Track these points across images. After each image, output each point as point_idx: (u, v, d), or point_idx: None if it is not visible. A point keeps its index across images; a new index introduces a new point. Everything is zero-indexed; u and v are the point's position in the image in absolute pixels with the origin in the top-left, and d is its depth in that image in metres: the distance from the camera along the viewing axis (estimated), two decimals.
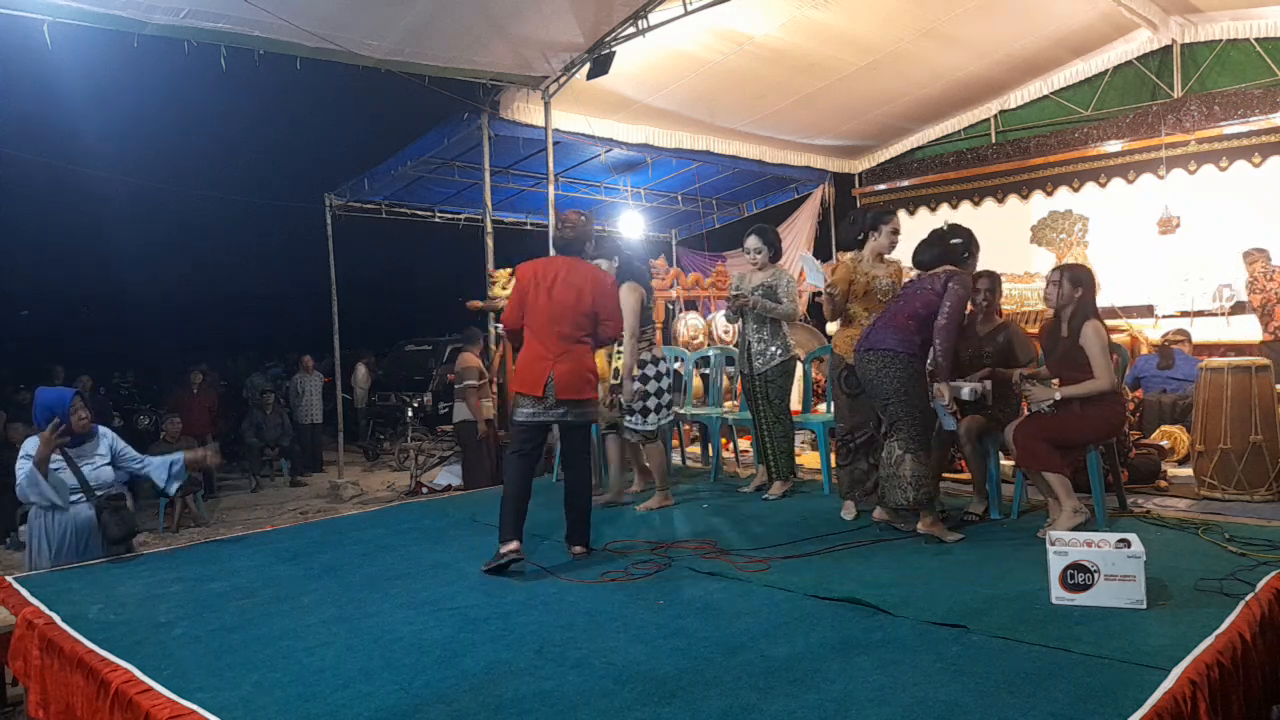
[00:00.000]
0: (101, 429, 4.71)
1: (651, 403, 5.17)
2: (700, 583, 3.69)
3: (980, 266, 4.90)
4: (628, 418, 5.19)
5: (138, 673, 2.87)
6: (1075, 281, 4.27)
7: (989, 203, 10.54)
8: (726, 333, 9.48)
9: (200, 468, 4.57)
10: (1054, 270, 4.40)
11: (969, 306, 4.89)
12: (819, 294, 5.29)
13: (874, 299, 4.78)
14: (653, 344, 5.26)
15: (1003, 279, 5.19)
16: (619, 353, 5.12)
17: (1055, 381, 4.37)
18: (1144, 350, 7.80)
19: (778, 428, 5.37)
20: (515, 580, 3.88)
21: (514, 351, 4.84)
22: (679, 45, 7.86)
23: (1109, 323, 4.46)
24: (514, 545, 3.95)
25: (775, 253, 5.42)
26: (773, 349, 5.30)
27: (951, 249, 4.38)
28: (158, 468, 4.68)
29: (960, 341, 4.82)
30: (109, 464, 4.58)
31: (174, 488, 4.71)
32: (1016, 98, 10.27)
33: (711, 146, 10.24)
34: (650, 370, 5.18)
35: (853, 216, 5.15)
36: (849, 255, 4.98)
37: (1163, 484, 5.44)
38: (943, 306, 4.18)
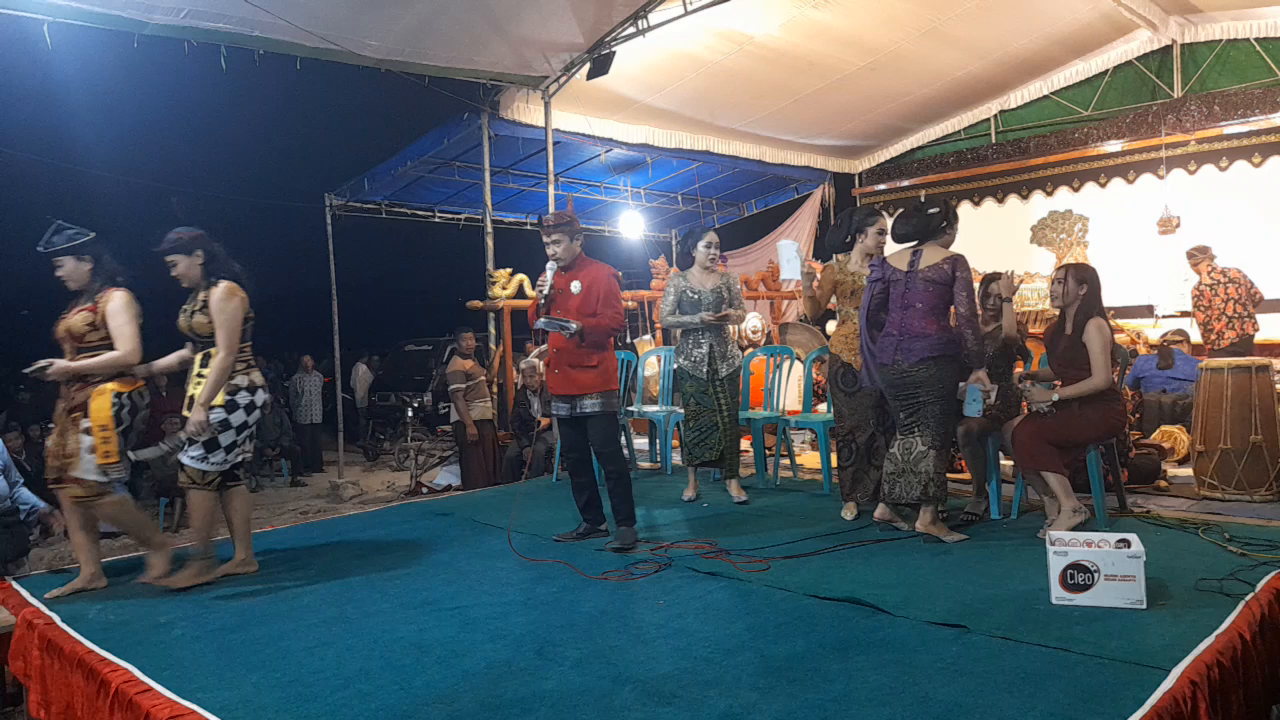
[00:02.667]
0: None
1: (226, 438, 3.94)
2: (700, 583, 3.69)
3: (980, 267, 4.91)
4: (187, 449, 3.92)
5: (138, 673, 2.87)
6: (1080, 279, 4.29)
7: (989, 203, 10.55)
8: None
9: (45, 527, 4.29)
10: (1059, 269, 4.43)
11: (979, 310, 4.90)
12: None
13: (861, 299, 4.79)
14: (251, 365, 4.08)
15: None
16: (198, 378, 3.96)
17: (1057, 382, 4.38)
18: (1144, 350, 7.79)
19: (737, 428, 5.42)
20: (515, 580, 3.89)
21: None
22: (679, 45, 7.86)
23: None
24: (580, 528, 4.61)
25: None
26: (733, 353, 5.37)
27: (930, 219, 4.29)
28: (23, 501, 4.46)
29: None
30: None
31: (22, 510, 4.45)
32: (1016, 98, 10.28)
33: (711, 146, 10.24)
34: (243, 399, 3.97)
35: (839, 220, 5.14)
36: (840, 257, 4.99)
37: (1163, 484, 5.44)
38: (959, 296, 4.15)
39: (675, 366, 5.41)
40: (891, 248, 4.66)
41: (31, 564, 4.62)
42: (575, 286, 4.39)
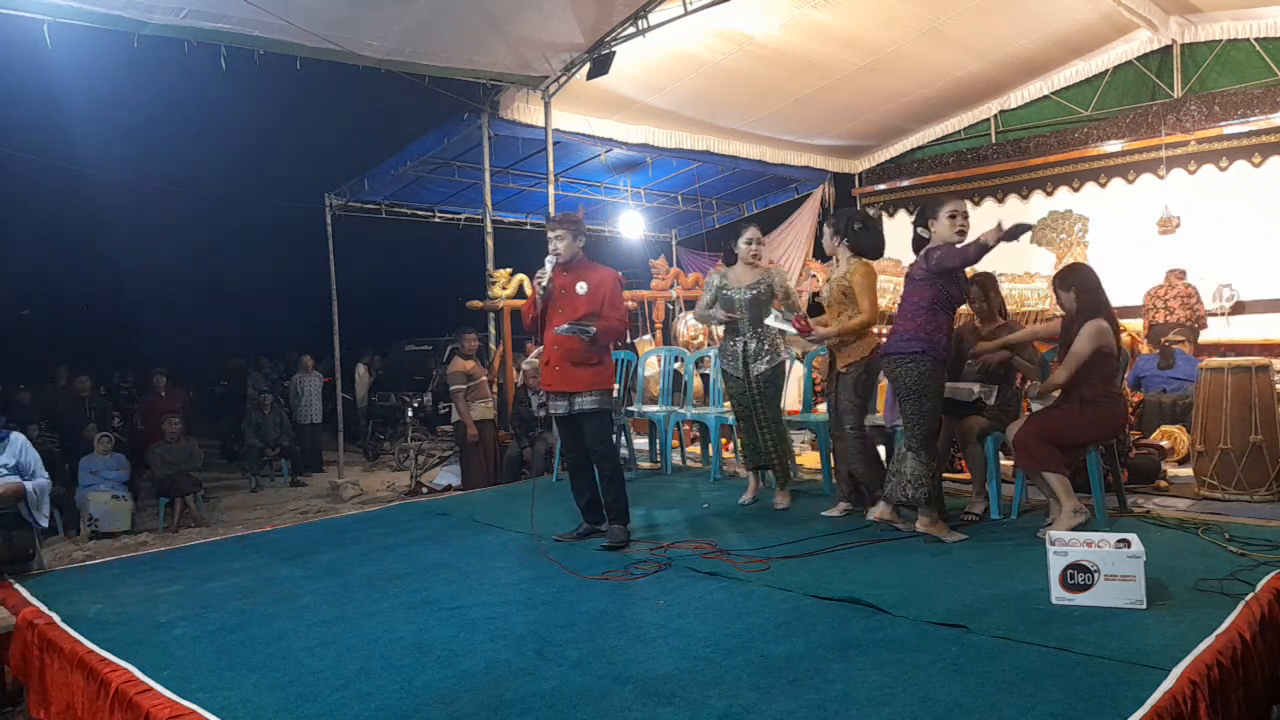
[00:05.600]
0: (14, 435, 4.45)
1: None
2: (700, 583, 3.69)
3: (980, 266, 4.91)
4: None
5: (138, 673, 2.87)
6: (1065, 286, 4.34)
7: (989, 203, 10.55)
8: None
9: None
10: (1050, 282, 4.49)
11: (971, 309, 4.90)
12: (818, 294, 5.22)
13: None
14: None
15: (1001, 279, 5.19)
16: None
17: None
18: (1144, 350, 7.80)
19: (779, 428, 5.25)
20: (515, 580, 3.89)
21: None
22: (679, 45, 7.86)
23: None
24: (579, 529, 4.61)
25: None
26: (772, 350, 5.16)
27: (914, 229, 4.42)
28: (35, 491, 4.39)
29: (960, 343, 4.83)
30: (12, 475, 4.32)
31: (39, 517, 4.37)
32: (1016, 98, 10.27)
33: (711, 146, 10.23)
34: None
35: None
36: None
37: (1163, 484, 5.44)
38: (945, 264, 4.15)
39: (718, 366, 5.33)
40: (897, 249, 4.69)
41: (42, 563, 4.54)
42: (581, 288, 4.43)
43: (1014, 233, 4.05)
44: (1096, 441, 4.33)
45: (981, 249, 4.04)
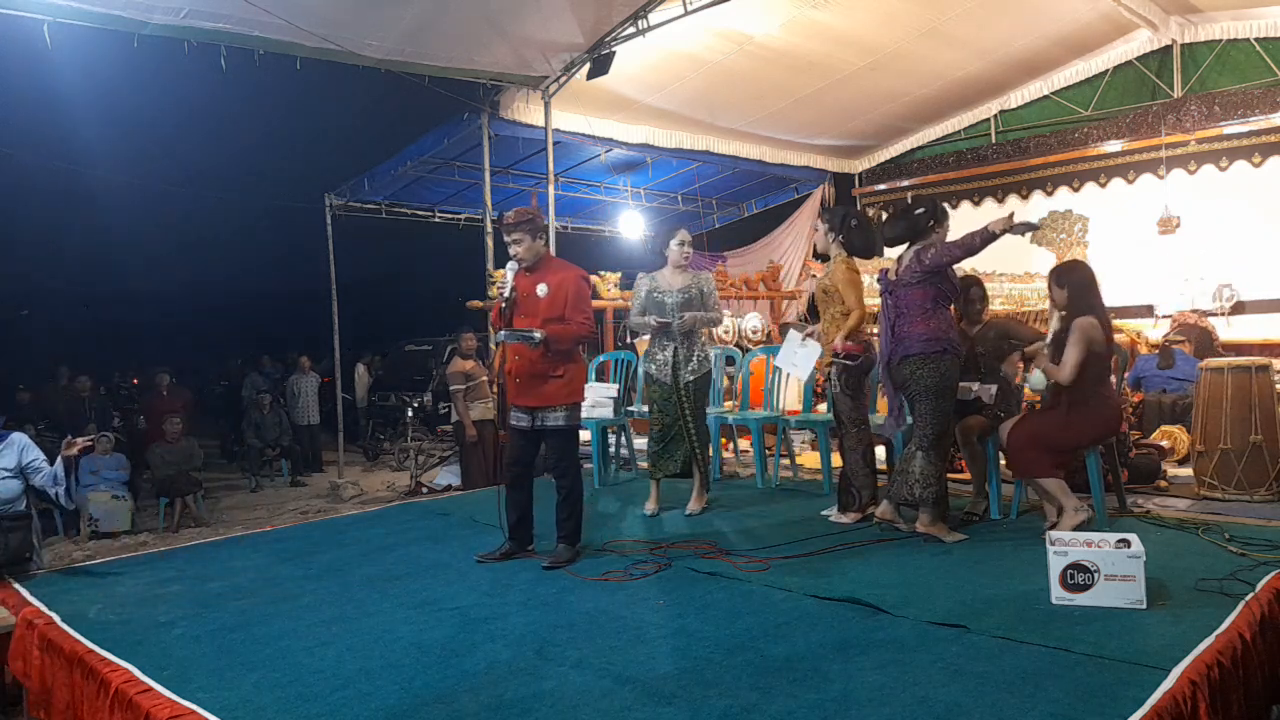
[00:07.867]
0: (14, 436, 4.40)
1: None
2: (700, 583, 3.69)
3: (980, 267, 4.91)
4: None
5: (138, 673, 2.87)
6: (1059, 283, 4.34)
7: (989, 203, 10.54)
8: (726, 333, 9.46)
9: (75, 455, 4.25)
10: (1047, 276, 4.47)
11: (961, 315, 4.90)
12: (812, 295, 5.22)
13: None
14: None
15: (1001, 279, 5.19)
16: None
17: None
18: (1144, 350, 7.81)
19: (705, 435, 5.12)
20: (515, 580, 3.88)
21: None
22: (679, 45, 7.86)
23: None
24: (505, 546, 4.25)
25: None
26: (701, 357, 5.03)
27: (916, 220, 4.29)
28: (46, 477, 4.38)
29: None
30: (13, 477, 4.30)
31: (61, 494, 4.37)
32: (1016, 98, 10.27)
33: (711, 146, 10.23)
34: None
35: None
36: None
37: (1163, 484, 5.44)
38: (941, 261, 4.12)
39: (644, 371, 5.13)
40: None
41: (42, 563, 4.52)
42: (541, 289, 4.14)
43: (1022, 228, 4.02)
44: (1088, 443, 4.32)
45: (988, 238, 4.02)
